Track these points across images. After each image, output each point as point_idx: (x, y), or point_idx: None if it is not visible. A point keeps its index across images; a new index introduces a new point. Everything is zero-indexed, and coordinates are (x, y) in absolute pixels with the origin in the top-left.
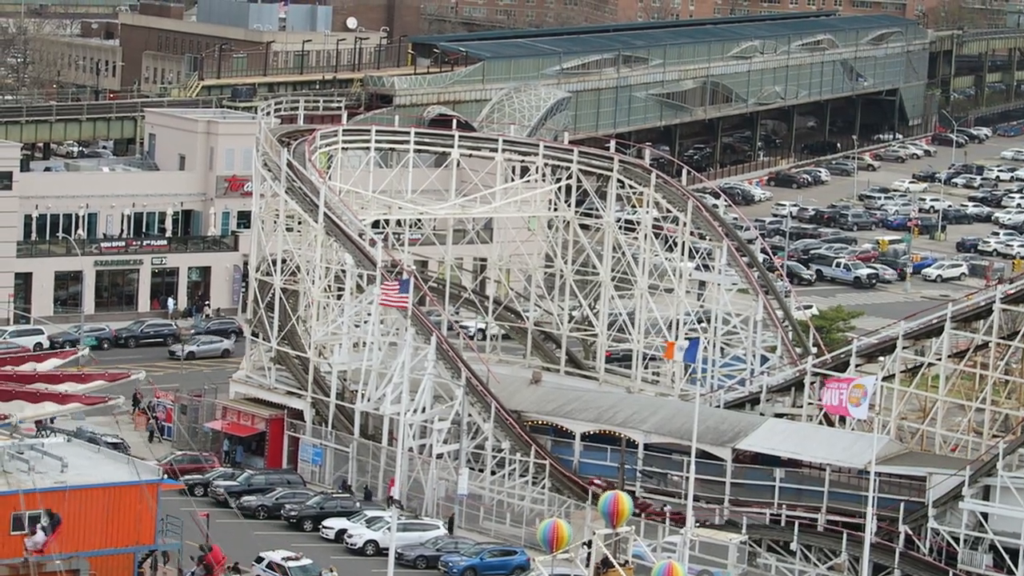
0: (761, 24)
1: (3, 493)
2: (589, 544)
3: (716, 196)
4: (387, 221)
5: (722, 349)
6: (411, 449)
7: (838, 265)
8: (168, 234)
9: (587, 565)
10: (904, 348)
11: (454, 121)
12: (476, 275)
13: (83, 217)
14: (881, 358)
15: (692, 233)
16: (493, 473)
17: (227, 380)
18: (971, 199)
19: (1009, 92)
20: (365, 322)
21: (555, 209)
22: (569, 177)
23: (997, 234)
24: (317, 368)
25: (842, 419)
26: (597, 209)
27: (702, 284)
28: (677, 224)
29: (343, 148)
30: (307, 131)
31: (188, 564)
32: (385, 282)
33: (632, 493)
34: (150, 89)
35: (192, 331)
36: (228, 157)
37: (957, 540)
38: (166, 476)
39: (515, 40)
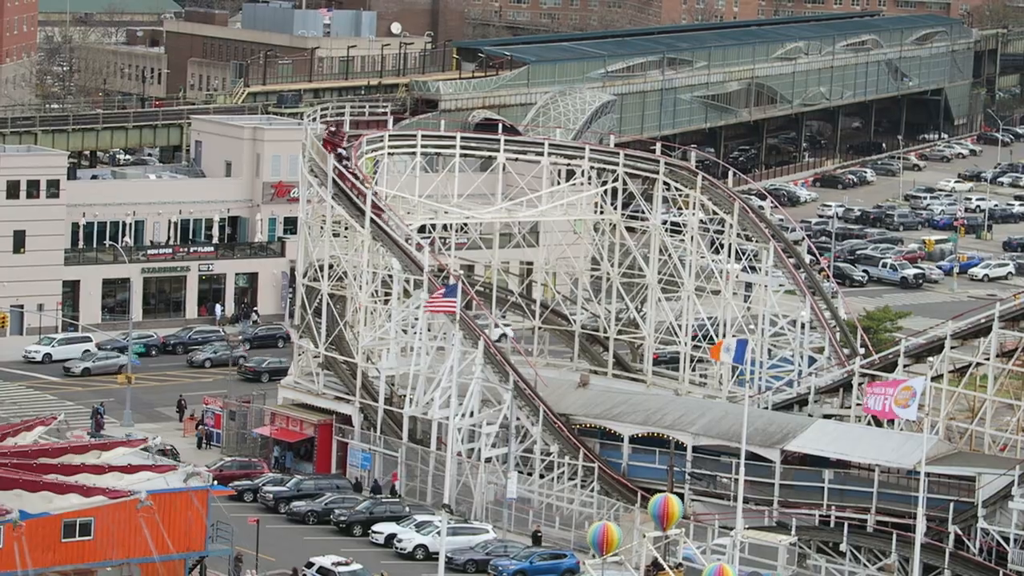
0: (805, 25)
1: None
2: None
3: (762, 197)
4: (433, 226)
5: (770, 351)
6: (460, 453)
7: (884, 265)
8: (215, 241)
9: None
10: (952, 348)
11: (499, 125)
12: (523, 279)
13: (130, 224)
14: (929, 358)
15: (738, 235)
16: (542, 477)
17: (275, 386)
18: (1017, 198)
19: None
20: (413, 327)
21: (601, 212)
22: (615, 180)
23: None
24: (365, 373)
25: (891, 420)
26: (643, 211)
27: (749, 286)
28: (724, 226)
29: (389, 153)
30: (353, 136)
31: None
32: (433, 290)
33: (681, 495)
34: (196, 96)
35: (240, 337)
36: (274, 163)
37: (1007, 540)
38: (216, 482)
39: (559, 44)
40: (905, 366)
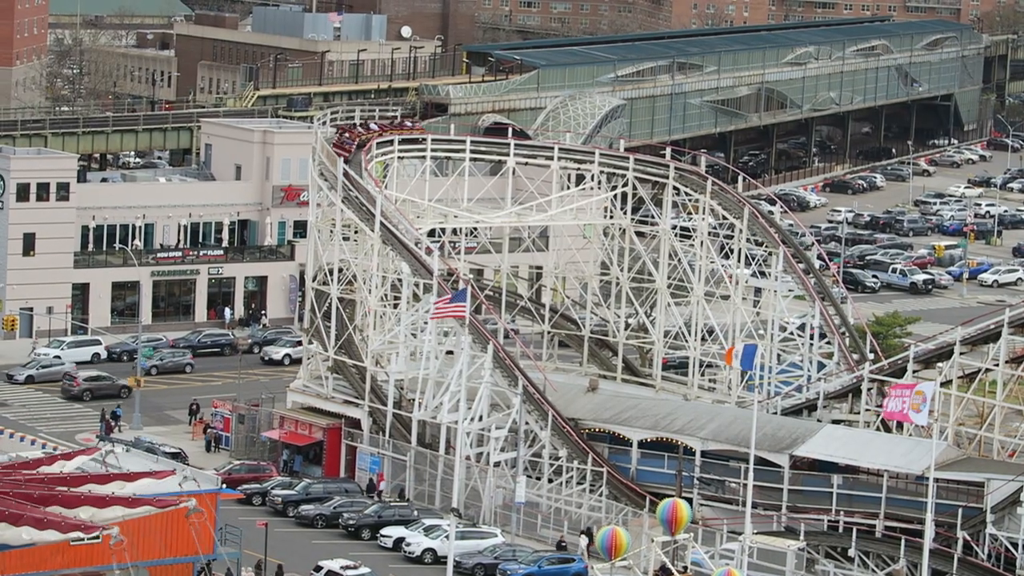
0: (815, 30)
1: None
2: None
3: (772, 202)
4: (443, 230)
5: (779, 356)
6: (468, 457)
7: (894, 271)
8: (224, 244)
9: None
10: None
11: (509, 129)
12: (532, 283)
13: (140, 227)
14: (939, 364)
15: (748, 240)
16: (550, 481)
17: (284, 389)
18: None
19: None
20: (422, 331)
21: (611, 216)
22: (625, 184)
23: None
24: (374, 377)
25: (900, 425)
26: (653, 216)
27: (758, 291)
28: (733, 231)
29: (399, 157)
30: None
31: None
32: (439, 297)
33: (690, 500)
34: (206, 99)
35: (249, 340)
36: (284, 167)
37: (1016, 545)
38: (224, 486)
39: (569, 48)
40: (914, 372)
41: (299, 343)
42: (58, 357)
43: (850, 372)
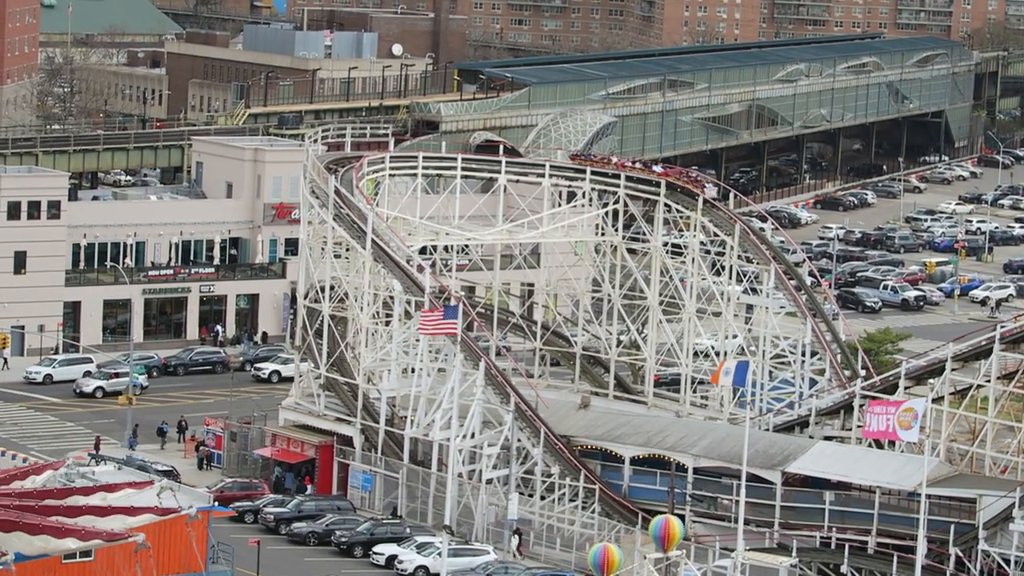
0: (806, 47)
1: None
2: None
3: (763, 219)
4: (434, 247)
5: (771, 372)
6: (460, 475)
7: (885, 287)
8: (216, 262)
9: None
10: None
11: (501, 147)
12: (524, 300)
13: (131, 245)
14: (930, 380)
15: (739, 257)
16: (543, 498)
17: (276, 407)
18: (1018, 220)
19: None
20: (414, 348)
21: (602, 234)
22: (616, 201)
23: None
24: (366, 394)
25: (891, 441)
26: (644, 233)
27: (750, 308)
28: (725, 248)
29: (390, 175)
30: (354, 158)
31: None
32: (425, 311)
33: (682, 517)
34: (197, 117)
35: (241, 358)
36: (275, 184)
37: (1008, 562)
38: (216, 503)
39: (561, 65)
40: (906, 388)
41: (132, 375)
42: (51, 375)
43: (842, 389)
